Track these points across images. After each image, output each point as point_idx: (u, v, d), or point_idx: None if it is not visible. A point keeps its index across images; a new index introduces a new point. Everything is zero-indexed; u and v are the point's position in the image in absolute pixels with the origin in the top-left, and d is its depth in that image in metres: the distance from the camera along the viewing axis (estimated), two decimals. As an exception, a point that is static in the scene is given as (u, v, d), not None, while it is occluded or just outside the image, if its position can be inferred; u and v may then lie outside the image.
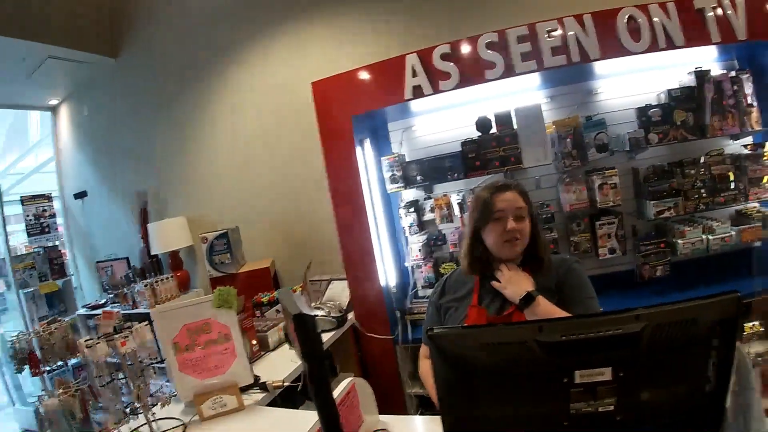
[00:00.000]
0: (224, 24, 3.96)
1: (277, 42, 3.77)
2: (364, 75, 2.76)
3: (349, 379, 1.58)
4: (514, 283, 1.61)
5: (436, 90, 2.61)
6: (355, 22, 3.51)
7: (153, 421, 1.83)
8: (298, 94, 3.50)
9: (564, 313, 1.51)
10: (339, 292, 3.06)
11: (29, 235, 4.36)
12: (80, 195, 5.07)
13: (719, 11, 2.45)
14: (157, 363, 1.97)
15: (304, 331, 1.02)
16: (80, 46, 4.21)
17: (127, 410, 1.81)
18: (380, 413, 1.69)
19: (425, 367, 1.77)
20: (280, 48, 3.77)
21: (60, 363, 2.11)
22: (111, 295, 4.20)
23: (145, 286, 3.55)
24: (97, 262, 4.72)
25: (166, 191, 4.40)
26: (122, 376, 1.84)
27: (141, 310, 3.57)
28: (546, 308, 1.52)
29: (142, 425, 1.84)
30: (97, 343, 1.74)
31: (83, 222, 5.13)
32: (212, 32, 4.01)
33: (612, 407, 0.86)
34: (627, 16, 2.47)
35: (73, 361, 2.49)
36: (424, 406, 2.86)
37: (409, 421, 1.75)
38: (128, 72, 4.51)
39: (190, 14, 4.11)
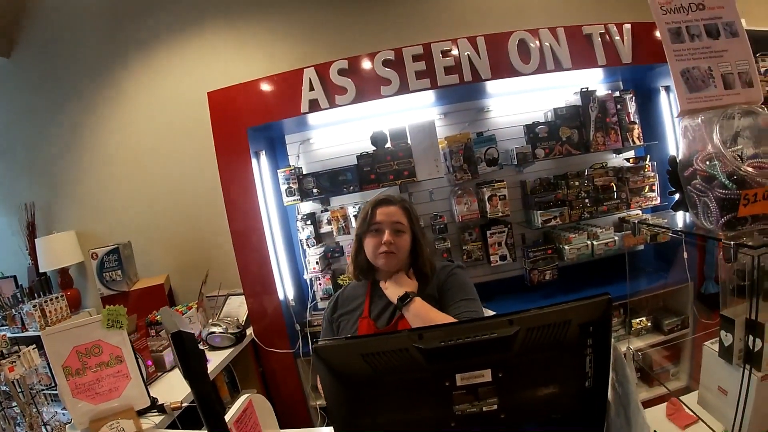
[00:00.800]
0: (123, 28, 3.80)
1: (175, 49, 3.69)
2: (262, 87, 2.74)
3: (246, 395, 1.55)
4: (395, 284, 1.67)
5: (333, 104, 2.65)
6: (255, 34, 3.51)
7: None
8: (195, 104, 3.44)
9: (440, 313, 1.57)
10: (236, 307, 3.00)
11: None
12: (-40, 207, 4.65)
13: (607, 37, 2.68)
14: (49, 389, 1.86)
15: (183, 349, 1.00)
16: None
17: None
18: (285, 427, 1.67)
19: None
20: (179, 56, 3.68)
21: None
22: (-2, 318, 3.89)
23: (34, 306, 3.31)
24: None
25: (56, 203, 4.12)
26: (14, 405, 1.72)
27: (31, 332, 3.33)
28: (420, 307, 1.58)
29: None
30: None
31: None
32: (110, 35, 3.84)
33: (495, 407, 0.91)
34: (518, 39, 2.64)
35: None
36: (330, 418, 2.85)
37: None
38: (21, 73, 4.19)
39: (85, 17, 3.90)
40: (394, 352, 0.92)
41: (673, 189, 1.57)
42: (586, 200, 2.91)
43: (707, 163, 1.35)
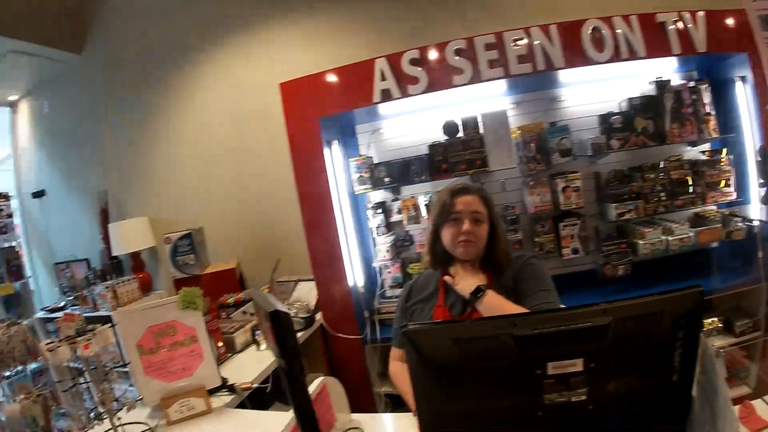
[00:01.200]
0: (190, 22, 3.88)
1: (245, 42, 3.73)
2: (333, 77, 2.76)
3: (321, 378, 1.58)
4: (466, 279, 1.65)
5: (405, 94, 2.64)
6: (325, 25, 3.51)
7: (119, 426, 1.78)
8: (266, 95, 3.47)
9: (514, 305, 1.55)
10: (306, 292, 3.04)
11: (-17, 235, 4.18)
12: (38, 194, 4.89)
13: (680, 25, 2.57)
14: (120, 367, 1.92)
15: (280, 328, 1.01)
16: (44, 41, 4.07)
17: (92, 415, 1.75)
18: (351, 412, 1.70)
19: (395, 369, 1.80)
20: (248, 48, 3.73)
21: (20, 368, 2.03)
22: (70, 298, 4.07)
23: (106, 288, 3.45)
24: (56, 263, 4.56)
25: (128, 191, 4.29)
26: (83, 381, 1.78)
27: (102, 312, 3.47)
28: (494, 300, 1.56)
29: (107, 431, 1.78)
30: (59, 347, 1.66)
31: (41, 222, 4.96)
32: (179, 30, 3.93)
33: (584, 397, 0.89)
34: (591, 27, 2.56)
35: (32, 365, 2.40)
36: (393, 405, 2.88)
37: (379, 419, 1.74)
38: (92, 69, 4.38)
39: (155, 11, 4.02)
40: (487, 338, 0.91)
41: (763, 180, 1.49)
42: (662, 194, 2.80)
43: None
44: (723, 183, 2.80)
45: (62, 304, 4.16)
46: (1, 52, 3.97)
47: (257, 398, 2.17)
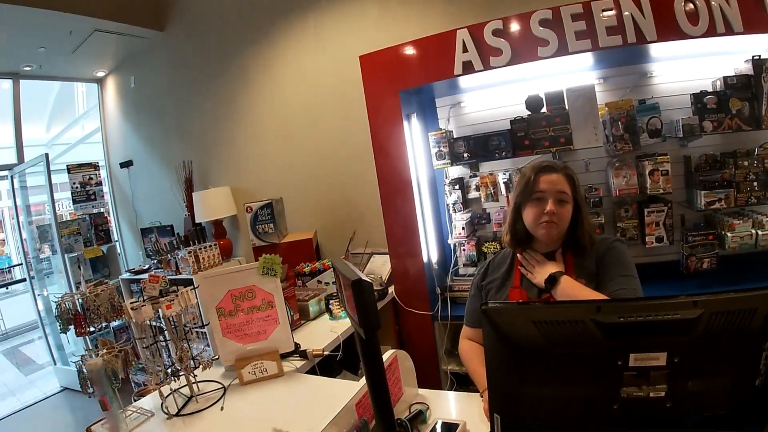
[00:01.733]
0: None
1: (324, 15, 3.77)
2: (413, 50, 2.73)
3: (392, 351, 1.60)
4: (539, 270, 1.62)
5: (487, 66, 2.57)
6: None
7: (194, 383, 1.88)
8: (344, 68, 3.52)
9: (591, 291, 1.50)
10: (380, 265, 3.09)
11: (75, 202, 4.50)
12: (126, 164, 5.22)
13: None
14: (198, 327, 2.01)
15: (362, 297, 1.02)
16: (127, 19, 4.29)
17: (169, 371, 1.84)
18: (418, 387, 1.72)
19: (466, 347, 1.78)
20: (328, 21, 3.77)
21: (104, 324, 2.17)
22: (154, 261, 4.31)
23: (189, 252, 3.62)
24: (142, 229, 4.85)
25: (211, 161, 4.49)
26: (164, 339, 1.88)
27: (184, 275, 3.65)
28: (570, 286, 1.52)
29: (182, 386, 1.89)
30: (143, 306, 1.76)
31: (128, 190, 5.28)
32: (256, 5, 4.04)
33: (663, 393, 0.86)
34: (685, -1, 2.38)
35: (115, 323, 2.55)
36: (458, 383, 2.88)
37: (445, 397, 1.76)
38: (175, 45, 4.59)
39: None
40: (569, 322, 0.89)
41: None
42: (755, 183, 2.58)
43: None
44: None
45: (147, 266, 4.42)
46: (87, 31, 4.19)
47: (326, 366, 2.23)
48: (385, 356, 1.53)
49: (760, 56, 2.58)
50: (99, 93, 5.60)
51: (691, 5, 2.39)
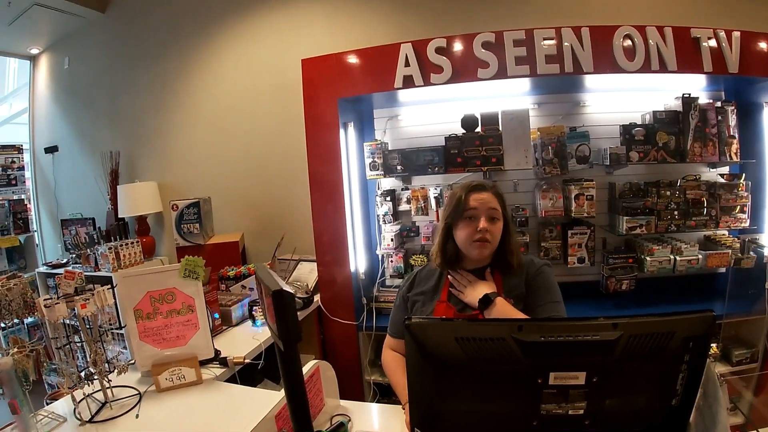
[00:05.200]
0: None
1: (270, 15, 3.72)
2: (356, 59, 2.72)
3: (314, 361, 1.57)
4: (472, 290, 1.63)
5: (428, 82, 2.60)
6: (352, 5, 3.48)
7: (108, 388, 1.78)
8: (285, 70, 3.48)
9: (524, 316, 1.52)
10: (307, 273, 3.03)
11: (-7, 186, 4.20)
12: (51, 149, 4.91)
13: (714, 43, 2.51)
14: (115, 329, 1.91)
15: (282, 308, 0.98)
16: (69, -5, 4.08)
17: (82, 375, 1.74)
18: (340, 398, 1.70)
19: (389, 357, 1.77)
20: (272, 21, 3.72)
21: (16, 321, 2.02)
22: (73, 255, 4.08)
23: (109, 249, 3.45)
24: (62, 220, 4.57)
25: (140, 154, 4.30)
26: (79, 340, 1.77)
27: (103, 273, 3.47)
28: (503, 309, 1.53)
29: (96, 391, 1.79)
30: (57, 303, 1.66)
31: (51, 177, 4.98)
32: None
33: (582, 411, 0.88)
34: (624, 35, 2.51)
35: (29, 320, 2.38)
36: (381, 394, 2.88)
37: (367, 408, 1.74)
38: (114, 28, 4.38)
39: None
40: (491, 339, 0.89)
41: None
42: (675, 212, 2.74)
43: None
44: (738, 209, 2.75)
45: (65, 260, 4.18)
46: (27, 4, 3.97)
47: (247, 374, 2.17)
48: (307, 366, 1.51)
49: (690, 94, 2.75)
50: (31, 71, 5.26)
51: (629, 42, 2.52)
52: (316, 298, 2.90)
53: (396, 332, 1.77)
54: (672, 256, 2.75)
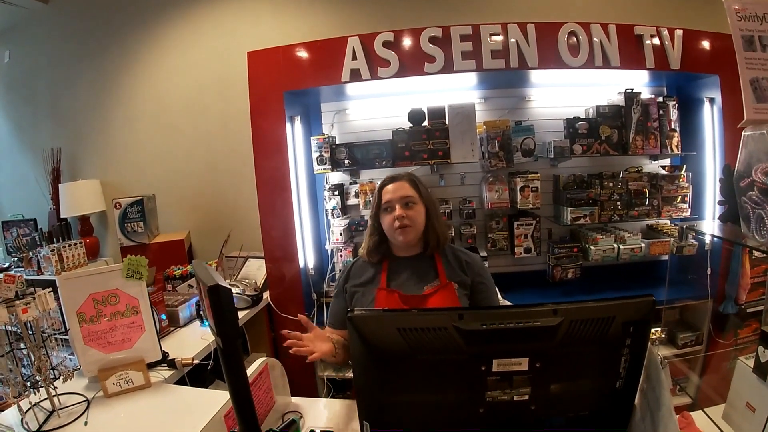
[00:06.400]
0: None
1: (215, 8, 3.64)
2: (303, 52, 2.69)
3: (262, 359, 1.56)
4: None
5: (375, 76, 2.60)
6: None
7: (55, 396, 1.71)
8: (230, 64, 3.43)
9: None
10: (255, 270, 2.99)
11: (-74, 186, 3.98)
12: (-12, 147, 4.68)
13: (656, 40, 2.61)
14: (60, 334, 1.84)
15: (219, 304, 0.96)
16: (10, -17, 3.89)
17: (28, 383, 1.68)
18: (291, 395, 1.68)
19: None
20: (218, 15, 3.64)
21: None
22: (15, 259, 3.91)
23: (52, 251, 3.32)
24: (3, 222, 4.36)
25: (82, 150, 4.13)
26: (23, 346, 1.70)
27: (46, 276, 3.33)
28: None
29: (43, 400, 1.72)
30: None
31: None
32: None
33: (527, 396, 0.90)
34: (569, 31, 2.57)
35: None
36: (335, 389, 2.87)
37: (319, 404, 1.72)
38: (57, 21, 4.19)
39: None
40: (433, 329, 0.90)
41: (723, 199, 1.52)
42: (618, 203, 2.85)
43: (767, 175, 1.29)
44: (679, 199, 2.87)
45: (6, 264, 3.99)
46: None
47: (197, 375, 2.14)
48: (255, 365, 1.50)
49: (632, 89, 2.85)
50: (-33, 64, 5.00)
51: (574, 39, 2.58)
52: (266, 295, 2.86)
53: (335, 323, 1.79)
54: (615, 245, 2.85)
